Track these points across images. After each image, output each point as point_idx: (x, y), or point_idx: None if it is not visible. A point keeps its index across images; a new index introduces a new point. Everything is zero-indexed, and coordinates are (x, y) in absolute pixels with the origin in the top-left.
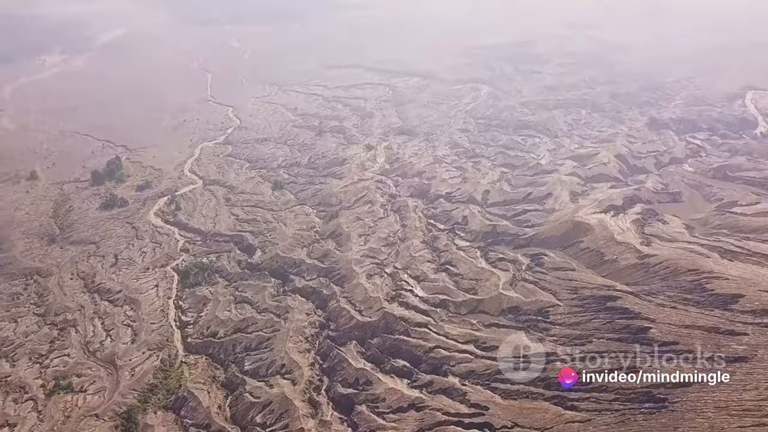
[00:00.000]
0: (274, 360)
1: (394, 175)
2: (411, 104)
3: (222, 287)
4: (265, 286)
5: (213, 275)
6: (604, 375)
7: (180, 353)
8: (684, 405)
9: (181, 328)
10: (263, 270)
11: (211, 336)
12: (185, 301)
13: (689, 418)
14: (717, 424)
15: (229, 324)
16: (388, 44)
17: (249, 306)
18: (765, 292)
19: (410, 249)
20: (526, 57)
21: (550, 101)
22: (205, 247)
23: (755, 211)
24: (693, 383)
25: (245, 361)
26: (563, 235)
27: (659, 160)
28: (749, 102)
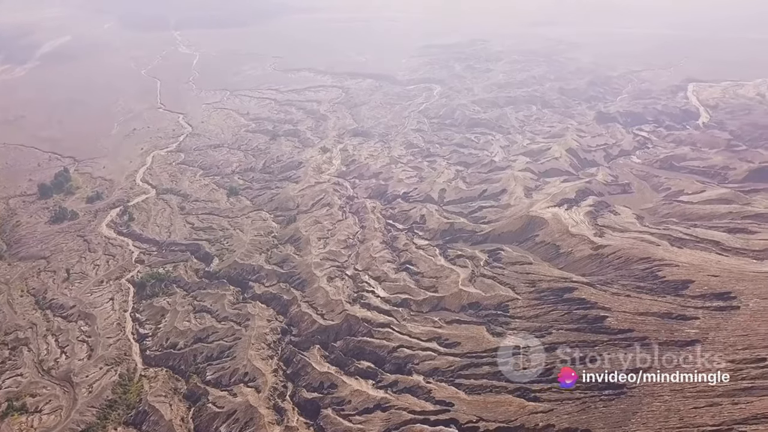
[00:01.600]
0: (236, 368)
1: (351, 176)
2: (365, 106)
3: (180, 297)
4: (224, 294)
5: (170, 285)
6: (565, 365)
7: (139, 367)
8: (641, 390)
9: (139, 341)
10: (221, 278)
11: (171, 347)
12: (142, 313)
13: (647, 403)
14: (673, 407)
15: (188, 334)
16: (341, 47)
17: (208, 315)
18: (713, 277)
19: (370, 250)
20: (478, 56)
21: (502, 98)
22: (160, 258)
23: (701, 199)
24: (649, 368)
25: (207, 371)
26: (519, 230)
27: (608, 152)
28: (691, 94)
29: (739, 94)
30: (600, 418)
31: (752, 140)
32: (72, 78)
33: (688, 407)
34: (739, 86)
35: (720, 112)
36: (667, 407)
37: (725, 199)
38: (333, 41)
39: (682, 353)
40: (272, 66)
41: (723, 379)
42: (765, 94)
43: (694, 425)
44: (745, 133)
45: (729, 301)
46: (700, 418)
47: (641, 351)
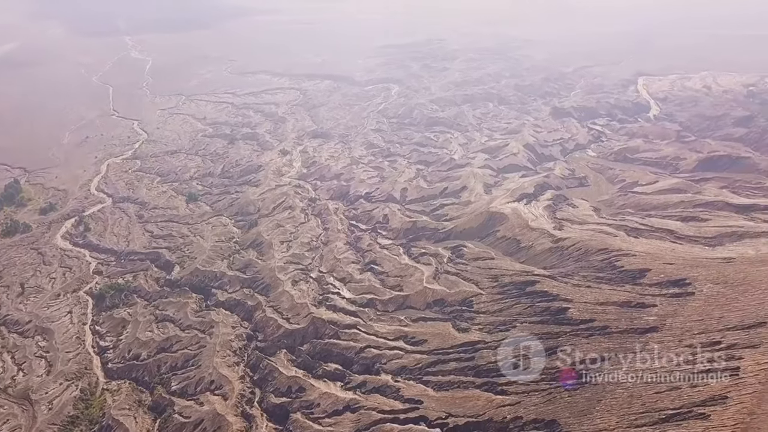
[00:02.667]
0: (202, 377)
1: (312, 178)
2: (323, 107)
3: (141, 307)
4: (186, 303)
5: (130, 296)
6: (531, 357)
7: (101, 380)
8: (605, 378)
9: (99, 354)
10: (183, 286)
11: (134, 359)
12: (102, 325)
13: (610, 390)
14: (636, 393)
15: (151, 345)
16: (298, 48)
17: (171, 324)
18: (669, 265)
19: (334, 252)
20: (434, 54)
21: (459, 97)
22: (119, 268)
23: (655, 190)
24: (612, 356)
25: (172, 381)
26: (480, 226)
27: (564, 147)
28: (641, 87)
29: (686, 86)
30: (566, 408)
31: (700, 131)
32: (20, 86)
33: (649, 392)
34: (686, 79)
35: (669, 105)
36: (629, 394)
37: (677, 189)
38: (290, 43)
39: (642, 340)
40: (228, 69)
41: (681, 363)
42: (711, 85)
43: (656, 409)
44: (694, 124)
45: (684, 287)
46: (661, 402)
47: (603, 340)
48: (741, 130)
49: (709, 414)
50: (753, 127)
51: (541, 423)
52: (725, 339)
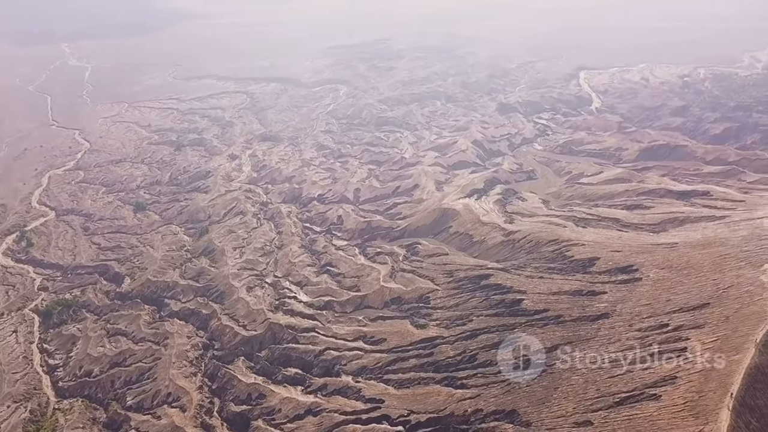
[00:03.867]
0: (158, 390)
1: (263, 182)
2: (271, 110)
3: (91, 322)
4: (139, 315)
5: (79, 311)
6: (487, 350)
7: (52, 400)
8: (560, 365)
9: (49, 373)
10: (135, 298)
11: (86, 376)
12: (51, 343)
13: (566, 377)
14: (590, 378)
15: (104, 360)
16: (243, 52)
17: (124, 338)
18: (616, 253)
19: (289, 255)
20: (381, 54)
21: (407, 96)
22: (66, 283)
23: (600, 180)
24: (566, 344)
25: (127, 396)
26: (433, 223)
27: (512, 142)
28: (583, 81)
29: (625, 79)
30: (524, 397)
31: (641, 121)
32: None
33: (603, 377)
34: (625, 71)
35: (610, 97)
36: (585, 379)
37: (621, 179)
38: (235, 46)
39: (594, 327)
40: (173, 74)
41: (632, 347)
42: (648, 77)
43: (610, 393)
44: (634, 115)
45: (632, 273)
46: (615, 386)
47: (557, 329)
48: (678, 119)
49: (661, 394)
50: (689, 116)
51: (501, 414)
52: (672, 321)
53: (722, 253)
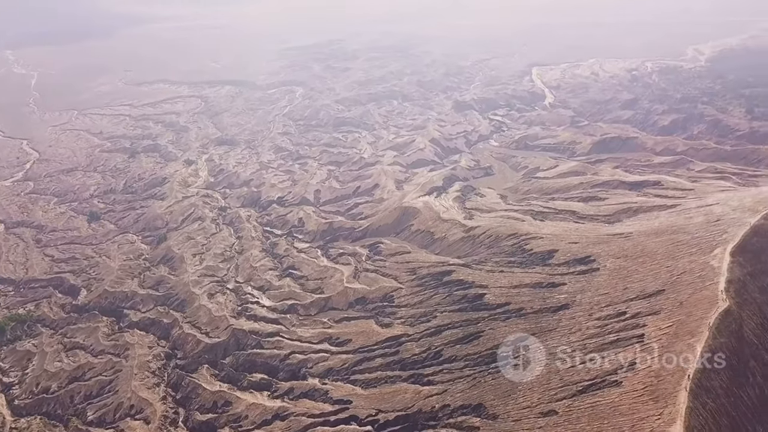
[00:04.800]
0: (120, 402)
1: (221, 187)
2: (227, 113)
3: (47, 337)
4: (97, 327)
5: (34, 326)
6: (452, 346)
7: (8, 419)
8: (524, 358)
9: (4, 392)
10: (92, 310)
11: (43, 392)
12: (5, 360)
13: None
14: (553, 368)
15: (62, 375)
16: (195, 55)
17: (82, 351)
18: (574, 244)
19: (250, 260)
20: (336, 55)
21: (364, 96)
22: (19, 297)
23: (555, 174)
24: (529, 336)
25: (88, 411)
26: (395, 222)
27: (468, 139)
28: (535, 77)
29: (576, 74)
30: (490, 391)
31: (592, 115)
32: None
33: (566, 367)
34: (576, 67)
35: (562, 92)
36: (548, 370)
37: (576, 172)
38: (187, 50)
39: (555, 318)
40: (124, 80)
41: (593, 336)
42: (598, 72)
43: (573, 382)
44: (586, 110)
45: (590, 264)
46: (577, 375)
47: (520, 321)
48: (628, 112)
49: (621, 381)
50: (638, 109)
51: (469, 408)
52: (630, 309)
53: (675, 240)
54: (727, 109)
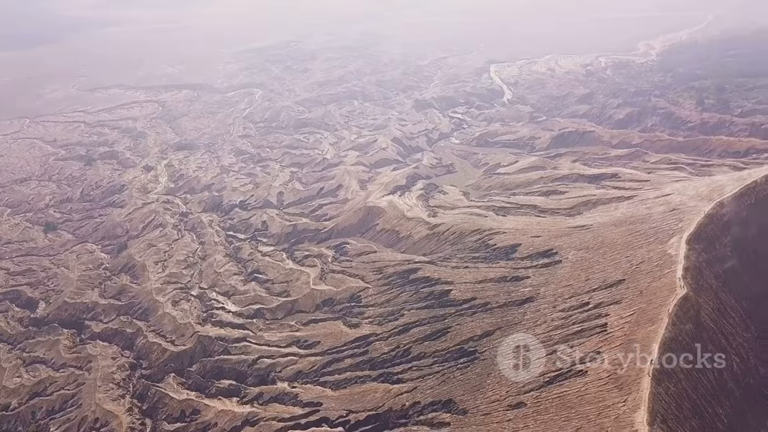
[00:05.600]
0: (84, 416)
1: (182, 192)
2: (185, 117)
3: (5, 352)
4: (57, 340)
5: None
6: (420, 343)
7: None
8: (491, 351)
9: None
10: (52, 323)
11: (3, 410)
12: None
13: (498, 362)
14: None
15: (21, 391)
16: (151, 59)
17: (43, 366)
18: (536, 238)
19: (214, 265)
20: (294, 56)
21: (324, 96)
22: None
23: (516, 169)
24: (495, 331)
25: (50, 427)
26: (360, 222)
27: (430, 137)
28: (493, 74)
29: (533, 70)
30: (459, 386)
31: (550, 110)
32: None
33: (533, 359)
34: (532, 63)
35: (520, 88)
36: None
37: (536, 167)
38: (143, 54)
39: (520, 311)
40: (77, 86)
41: (557, 327)
42: (554, 68)
43: (540, 373)
44: (544, 105)
45: (552, 257)
46: (544, 366)
47: (486, 316)
48: (584, 106)
49: (587, 370)
50: (594, 103)
51: (439, 404)
52: (592, 299)
53: (633, 230)
54: (679, 101)
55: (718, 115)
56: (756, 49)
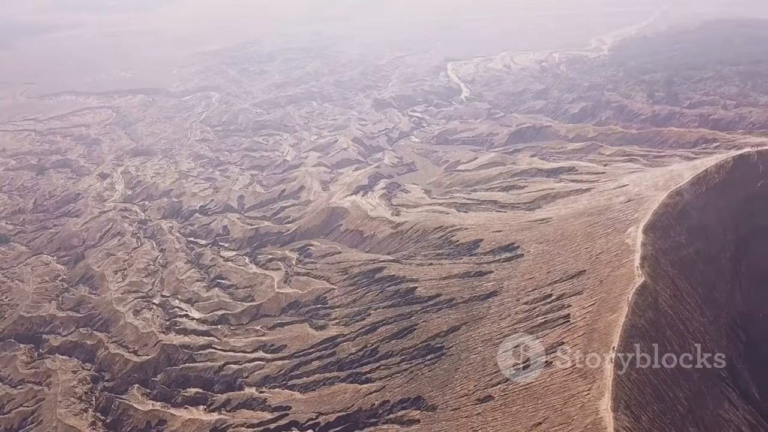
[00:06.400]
0: None
1: (140, 199)
2: (140, 123)
3: None
4: (14, 356)
5: None
6: (388, 341)
7: None
8: (458, 347)
9: None
10: (7, 338)
11: None
12: None
13: (465, 358)
14: (487, 355)
15: None
16: (102, 64)
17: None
18: (498, 233)
19: (175, 273)
20: (251, 58)
21: (282, 98)
22: None
23: (476, 166)
24: (461, 326)
25: None
26: (323, 223)
27: (390, 136)
28: (451, 72)
29: (489, 67)
30: (427, 383)
31: (507, 107)
32: None
33: (499, 353)
34: (488, 60)
35: (477, 86)
36: (482, 357)
37: (495, 162)
38: (95, 59)
39: (485, 306)
40: (24, 94)
41: (522, 320)
42: (510, 65)
43: (506, 366)
44: (501, 101)
45: (514, 251)
46: (509, 359)
47: (451, 312)
48: (540, 102)
49: (551, 361)
50: (549, 98)
51: (408, 401)
52: (554, 291)
53: (591, 222)
54: (631, 94)
55: (668, 107)
56: (701, 43)
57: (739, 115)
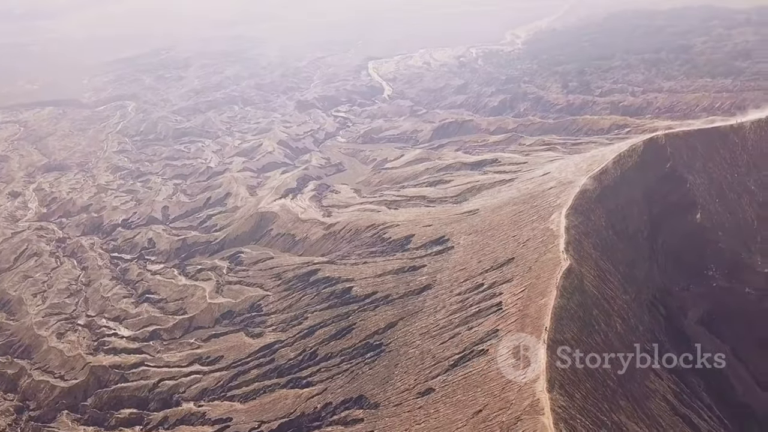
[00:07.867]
0: None
1: (56, 216)
2: (52, 137)
3: None
4: None
5: None
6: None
7: None
8: (397, 342)
9: None
10: None
11: None
12: None
13: (404, 352)
14: (425, 348)
15: None
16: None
17: None
18: (428, 227)
19: (100, 290)
20: (166, 65)
21: (202, 104)
22: None
23: (402, 163)
24: (398, 322)
25: None
26: (253, 229)
27: (316, 137)
28: (372, 71)
29: (409, 65)
30: (369, 381)
31: (429, 103)
32: None
33: (436, 345)
34: (408, 58)
35: (399, 83)
36: (420, 351)
37: (421, 159)
38: None
39: (420, 299)
40: None
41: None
42: (429, 61)
43: (444, 358)
44: (423, 98)
45: (445, 243)
46: (447, 350)
47: (388, 308)
48: (461, 97)
49: (487, 349)
50: (469, 93)
51: (350, 401)
52: (486, 280)
53: (517, 210)
54: (546, 86)
55: (581, 97)
56: (607, 33)
57: (646, 101)
